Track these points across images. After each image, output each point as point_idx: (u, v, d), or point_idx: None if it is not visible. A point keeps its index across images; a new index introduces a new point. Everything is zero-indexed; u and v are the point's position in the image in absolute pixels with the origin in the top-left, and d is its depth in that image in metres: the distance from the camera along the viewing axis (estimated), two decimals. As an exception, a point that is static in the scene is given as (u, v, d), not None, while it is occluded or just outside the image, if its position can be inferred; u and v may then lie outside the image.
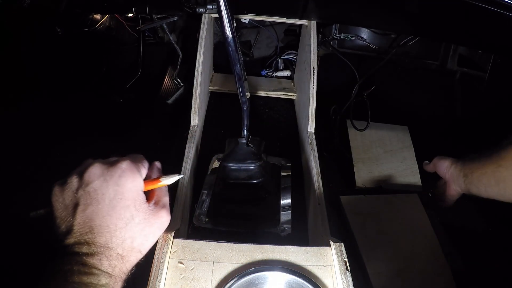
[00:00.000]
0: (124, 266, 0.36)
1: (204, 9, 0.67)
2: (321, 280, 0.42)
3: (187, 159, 0.62)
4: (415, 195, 0.78)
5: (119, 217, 0.36)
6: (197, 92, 0.72)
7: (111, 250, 0.35)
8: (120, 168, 0.38)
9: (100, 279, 0.33)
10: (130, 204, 0.37)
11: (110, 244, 0.35)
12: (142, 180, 0.39)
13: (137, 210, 0.37)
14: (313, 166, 0.64)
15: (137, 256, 0.38)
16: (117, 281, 0.35)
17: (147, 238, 0.38)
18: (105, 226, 0.35)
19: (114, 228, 0.36)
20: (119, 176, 0.37)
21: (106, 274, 0.34)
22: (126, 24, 1.01)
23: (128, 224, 0.36)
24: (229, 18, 0.41)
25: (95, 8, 0.82)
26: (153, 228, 0.39)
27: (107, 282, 0.34)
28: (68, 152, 0.80)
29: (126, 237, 0.36)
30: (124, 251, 0.36)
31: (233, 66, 0.47)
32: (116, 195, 0.36)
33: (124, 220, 0.36)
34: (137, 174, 0.39)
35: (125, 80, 1.07)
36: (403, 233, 0.72)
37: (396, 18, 0.75)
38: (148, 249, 0.39)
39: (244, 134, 0.59)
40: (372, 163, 0.87)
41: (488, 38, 0.69)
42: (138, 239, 0.37)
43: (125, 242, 0.36)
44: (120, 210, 0.36)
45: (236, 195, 0.64)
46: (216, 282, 0.41)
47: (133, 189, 0.38)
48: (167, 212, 0.40)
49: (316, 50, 0.76)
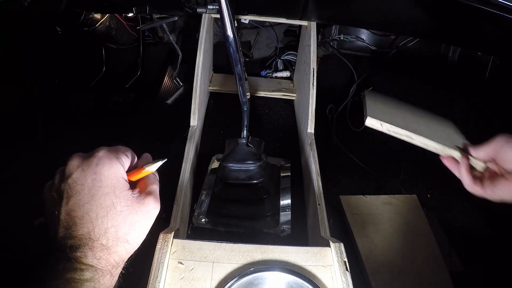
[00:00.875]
0: (111, 258, 0.35)
1: (204, 9, 0.67)
2: (321, 280, 0.42)
3: (186, 159, 0.62)
4: (414, 196, 0.78)
5: (100, 205, 0.35)
6: (196, 92, 0.72)
7: (94, 241, 0.34)
8: (96, 157, 0.37)
9: (84, 273, 0.32)
10: (110, 191, 0.36)
11: (92, 235, 0.34)
12: (122, 168, 0.38)
13: (117, 197, 0.36)
14: (312, 167, 0.64)
15: (125, 247, 0.36)
16: (103, 274, 0.34)
17: (133, 226, 0.36)
18: (86, 216, 0.34)
19: (95, 217, 0.35)
20: (96, 164, 0.36)
21: (90, 267, 0.33)
22: (126, 24, 1.01)
23: (109, 212, 0.35)
24: (230, 18, 0.41)
25: (95, 7, 0.82)
26: (138, 215, 0.37)
27: (92, 276, 0.33)
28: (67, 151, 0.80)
29: (109, 226, 0.35)
30: (108, 241, 0.35)
31: (233, 66, 0.47)
32: (95, 183, 0.36)
33: (105, 208, 0.35)
34: (114, 160, 0.37)
35: (124, 80, 1.07)
36: (402, 233, 0.72)
37: (396, 20, 0.75)
38: (137, 240, 0.37)
39: (244, 135, 0.59)
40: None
41: (486, 40, 0.70)
42: (122, 228, 0.36)
43: (109, 231, 0.35)
44: (99, 198, 0.35)
45: (235, 196, 0.64)
46: (216, 282, 0.41)
47: (111, 175, 0.37)
48: (153, 199, 0.39)
49: (316, 51, 0.76)
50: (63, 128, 0.90)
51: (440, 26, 0.70)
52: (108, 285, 0.35)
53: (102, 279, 0.34)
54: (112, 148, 0.39)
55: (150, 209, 0.38)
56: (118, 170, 0.37)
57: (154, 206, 0.38)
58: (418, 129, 0.51)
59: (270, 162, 0.72)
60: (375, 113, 0.52)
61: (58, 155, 0.82)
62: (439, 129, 0.58)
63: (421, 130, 0.52)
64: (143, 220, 0.38)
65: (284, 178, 0.72)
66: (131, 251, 0.38)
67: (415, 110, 0.60)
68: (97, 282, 0.33)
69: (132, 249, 0.37)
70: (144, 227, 0.38)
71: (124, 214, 0.36)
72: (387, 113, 0.54)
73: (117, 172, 0.37)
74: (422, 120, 0.59)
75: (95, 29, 0.91)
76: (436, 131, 0.55)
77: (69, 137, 0.85)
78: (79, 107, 0.99)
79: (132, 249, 0.37)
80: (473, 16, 0.61)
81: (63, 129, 0.89)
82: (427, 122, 0.59)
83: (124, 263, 0.38)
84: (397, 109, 0.57)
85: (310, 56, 0.76)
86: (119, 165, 0.38)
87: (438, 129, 0.57)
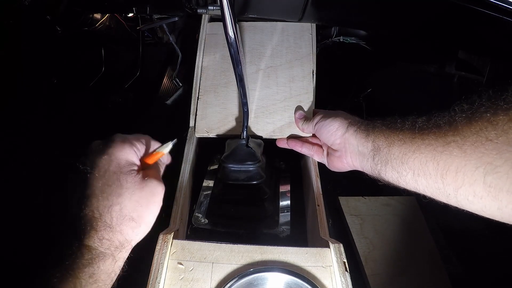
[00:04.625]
0: (115, 237, 0.35)
1: (205, 10, 0.67)
2: (320, 280, 0.42)
3: (186, 160, 0.62)
4: (412, 198, 0.79)
5: (106, 183, 0.36)
6: (196, 93, 0.72)
7: (98, 220, 0.35)
8: (111, 140, 0.39)
9: (84, 258, 0.32)
10: (117, 171, 0.37)
11: (96, 213, 0.35)
12: (133, 152, 0.40)
13: (124, 176, 0.37)
14: (312, 168, 0.64)
15: (131, 226, 0.36)
16: (105, 258, 0.34)
17: (139, 204, 0.37)
18: (93, 194, 0.35)
19: (101, 193, 0.36)
20: (109, 146, 0.39)
21: (88, 252, 0.33)
22: (126, 24, 1.01)
23: (114, 190, 0.36)
24: (232, 18, 0.41)
25: (95, 7, 0.82)
26: (143, 192, 0.38)
27: (90, 261, 0.33)
28: (66, 151, 0.80)
29: (113, 203, 0.36)
30: (112, 219, 0.35)
31: (234, 67, 0.47)
32: (105, 163, 0.37)
33: (111, 186, 0.36)
34: (127, 145, 0.39)
35: (124, 80, 1.07)
36: (401, 235, 0.72)
37: (395, 22, 0.75)
38: (145, 218, 0.38)
39: (244, 135, 0.59)
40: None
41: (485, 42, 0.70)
42: (128, 205, 0.36)
43: (113, 209, 0.35)
44: (107, 177, 0.37)
45: (235, 196, 0.64)
46: (216, 282, 0.41)
47: (121, 157, 0.38)
48: (158, 180, 0.40)
49: (315, 52, 0.76)
50: (61, 127, 0.89)
51: (440, 28, 0.70)
52: (110, 271, 0.35)
53: (102, 264, 0.34)
54: (128, 135, 0.42)
55: (155, 186, 0.39)
56: (128, 153, 0.39)
57: (159, 185, 0.40)
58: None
59: (270, 163, 0.72)
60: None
61: (57, 155, 0.82)
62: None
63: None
64: (149, 197, 0.38)
65: (283, 179, 0.72)
66: (139, 231, 0.38)
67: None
68: (97, 268, 0.33)
69: (138, 228, 0.37)
70: (151, 204, 0.39)
71: (129, 192, 0.37)
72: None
73: (127, 155, 0.39)
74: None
75: (95, 29, 0.91)
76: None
77: (67, 137, 0.85)
78: (78, 106, 0.99)
79: (139, 228, 0.37)
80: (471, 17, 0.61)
81: (61, 129, 0.89)
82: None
83: (131, 250, 0.38)
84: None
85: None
86: (130, 149, 0.39)
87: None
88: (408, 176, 0.36)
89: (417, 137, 0.35)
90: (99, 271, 0.33)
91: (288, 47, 0.72)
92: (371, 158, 0.41)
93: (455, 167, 0.30)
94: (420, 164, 0.34)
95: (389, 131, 0.39)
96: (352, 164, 0.46)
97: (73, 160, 0.38)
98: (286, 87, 0.67)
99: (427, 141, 0.34)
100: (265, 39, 0.74)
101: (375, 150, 0.40)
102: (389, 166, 0.38)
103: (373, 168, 0.41)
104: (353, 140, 0.44)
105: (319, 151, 0.54)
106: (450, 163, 0.31)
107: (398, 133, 0.38)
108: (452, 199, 0.32)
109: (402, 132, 0.38)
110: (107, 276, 0.34)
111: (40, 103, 0.91)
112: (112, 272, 0.35)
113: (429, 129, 0.35)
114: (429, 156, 0.33)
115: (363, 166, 0.44)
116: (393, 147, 0.38)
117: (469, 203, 0.31)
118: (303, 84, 0.67)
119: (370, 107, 0.91)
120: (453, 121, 0.32)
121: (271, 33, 0.75)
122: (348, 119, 0.47)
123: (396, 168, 0.38)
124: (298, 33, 0.74)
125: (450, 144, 0.31)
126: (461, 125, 0.31)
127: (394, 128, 0.39)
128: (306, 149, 0.55)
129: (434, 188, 0.34)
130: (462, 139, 0.30)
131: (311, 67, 0.69)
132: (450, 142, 0.31)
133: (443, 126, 0.33)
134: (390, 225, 0.73)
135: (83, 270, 0.32)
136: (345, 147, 0.46)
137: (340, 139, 0.46)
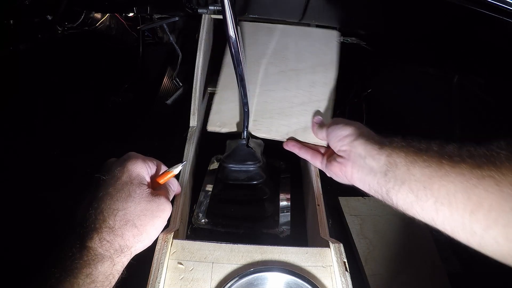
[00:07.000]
0: (115, 240, 0.35)
1: (205, 10, 0.67)
2: (320, 280, 0.42)
3: (186, 160, 0.62)
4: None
5: (116, 190, 0.38)
6: (196, 93, 0.72)
7: (102, 222, 0.35)
8: (127, 155, 0.43)
9: (82, 258, 0.33)
10: (128, 181, 0.39)
11: (101, 216, 0.36)
12: (145, 167, 0.42)
13: (135, 186, 0.39)
14: (311, 168, 0.64)
15: (132, 232, 0.37)
16: (103, 260, 0.34)
17: (143, 213, 0.38)
18: (102, 198, 0.37)
19: (109, 198, 0.37)
20: (123, 159, 0.42)
21: (87, 252, 0.33)
22: (126, 24, 1.01)
23: (122, 196, 0.38)
24: (232, 18, 0.41)
25: (96, 7, 0.82)
26: (150, 205, 0.39)
27: (88, 262, 0.33)
28: (66, 151, 0.80)
29: (119, 208, 0.37)
30: (115, 222, 0.36)
31: (235, 67, 0.47)
32: (117, 173, 0.40)
33: (121, 193, 0.38)
34: (140, 160, 0.42)
35: (124, 80, 1.07)
36: (401, 235, 0.72)
37: (396, 22, 0.75)
38: (147, 228, 0.38)
39: (244, 135, 0.59)
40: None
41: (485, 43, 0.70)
42: (132, 212, 0.38)
43: (118, 213, 0.37)
44: (118, 185, 0.39)
45: (235, 196, 0.64)
46: (216, 282, 0.41)
47: (133, 170, 0.41)
48: (167, 199, 0.42)
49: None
50: (61, 127, 0.89)
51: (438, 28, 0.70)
52: (108, 273, 0.35)
53: (100, 266, 0.34)
54: (142, 155, 0.45)
55: (163, 202, 0.41)
56: (140, 168, 0.41)
57: (166, 201, 0.42)
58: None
59: (270, 163, 0.72)
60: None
61: (57, 155, 0.82)
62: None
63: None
64: (155, 211, 0.40)
65: (283, 179, 0.72)
66: (140, 239, 0.38)
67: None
68: (94, 269, 0.33)
69: (140, 235, 0.38)
70: (156, 219, 0.40)
71: (136, 201, 0.38)
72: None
73: (139, 169, 0.41)
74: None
75: (95, 29, 0.91)
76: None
77: (67, 137, 0.85)
78: (78, 106, 0.99)
79: (140, 236, 0.38)
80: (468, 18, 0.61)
81: (61, 129, 0.89)
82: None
83: (132, 257, 0.39)
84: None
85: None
86: (143, 165, 0.42)
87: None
88: (428, 203, 0.32)
89: (446, 163, 0.31)
90: (96, 272, 0.33)
91: (312, 52, 0.71)
92: (381, 174, 0.37)
93: (488, 205, 0.27)
94: (446, 193, 0.30)
95: (412, 149, 0.35)
96: (351, 176, 0.43)
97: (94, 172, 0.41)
98: (306, 91, 0.65)
99: (459, 170, 0.30)
100: (290, 42, 0.73)
101: (390, 166, 0.36)
102: (405, 186, 0.34)
103: (381, 185, 0.37)
104: (361, 150, 0.40)
105: (316, 156, 0.53)
106: (484, 198, 0.27)
107: (422, 154, 0.34)
108: (475, 238, 0.30)
109: (427, 153, 0.33)
110: (105, 278, 0.34)
111: (40, 103, 0.91)
112: (110, 275, 0.35)
113: (461, 156, 0.31)
114: (459, 186, 0.29)
115: (365, 181, 0.40)
116: (414, 167, 0.33)
117: (497, 245, 0.28)
118: (323, 90, 0.66)
119: (370, 107, 0.91)
120: (491, 155, 0.29)
121: (298, 36, 0.74)
122: (361, 129, 0.44)
123: (414, 191, 0.33)
124: (323, 39, 0.73)
125: (486, 178, 0.28)
126: (499, 161, 0.28)
127: (417, 147, 0.35)
128: (304, 152, 0.55)
129: (458, 222, 0.30)
130: (500, 176, 0.27)
131: (334, 74, 0.69)
132: (486, 176, 0.28)
133: (479, 158, 0.29)
134: (390, 225, 0.73)
135: (81, 271, 0.32)
136: (350, 155, 0.42)
137: (347, 146, 0.43)
